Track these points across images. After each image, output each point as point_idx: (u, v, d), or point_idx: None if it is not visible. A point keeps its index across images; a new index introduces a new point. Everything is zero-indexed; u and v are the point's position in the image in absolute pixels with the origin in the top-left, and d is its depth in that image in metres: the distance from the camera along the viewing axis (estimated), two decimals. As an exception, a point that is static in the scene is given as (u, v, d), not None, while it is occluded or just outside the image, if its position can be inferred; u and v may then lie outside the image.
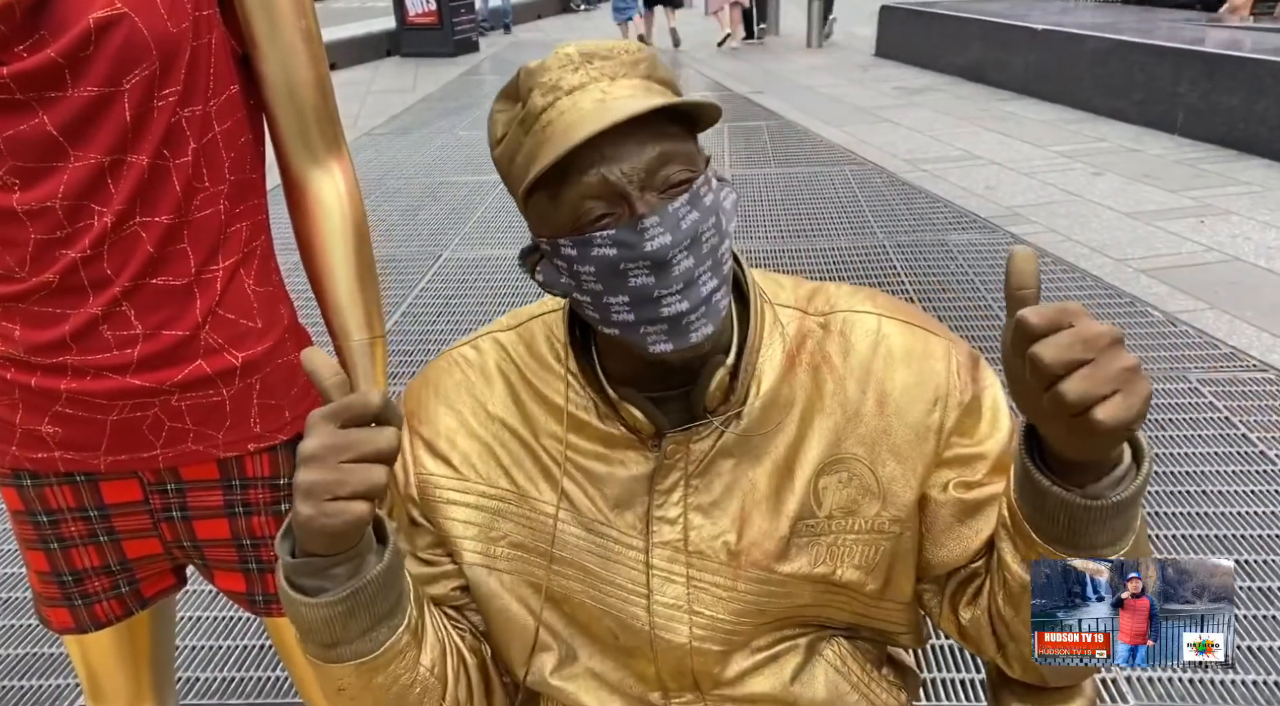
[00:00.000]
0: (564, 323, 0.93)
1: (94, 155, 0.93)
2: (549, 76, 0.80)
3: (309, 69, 1.08)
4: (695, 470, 0.90)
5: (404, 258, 4.74)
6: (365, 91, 9.67)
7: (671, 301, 0.79)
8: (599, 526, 0.92)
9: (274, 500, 1.14)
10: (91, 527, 1.11)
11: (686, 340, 0.81)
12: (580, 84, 0.79)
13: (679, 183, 0.79)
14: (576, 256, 0.80)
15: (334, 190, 1.13)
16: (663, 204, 0.78)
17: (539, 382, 0.93)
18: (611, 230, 0.78)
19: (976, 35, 8.80)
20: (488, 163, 0.87)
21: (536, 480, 0.93)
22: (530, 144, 0.80)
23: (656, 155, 0.78)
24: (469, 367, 0.97)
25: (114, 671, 1.22)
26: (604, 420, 0.91)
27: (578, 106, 0.78)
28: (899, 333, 0.92)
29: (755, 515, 0.91)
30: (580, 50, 0.81)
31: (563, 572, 0.93)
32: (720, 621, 0.93)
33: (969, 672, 2.08)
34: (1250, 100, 5.85)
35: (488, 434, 0.94)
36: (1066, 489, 0.73)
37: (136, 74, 0.93)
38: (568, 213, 0.79)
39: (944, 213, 5.09)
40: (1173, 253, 4.38)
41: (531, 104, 0.80)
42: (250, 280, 1.08)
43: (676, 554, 0.92)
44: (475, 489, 0.94)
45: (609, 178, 0.77)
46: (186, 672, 2.16)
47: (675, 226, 0.78)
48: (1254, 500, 2.58)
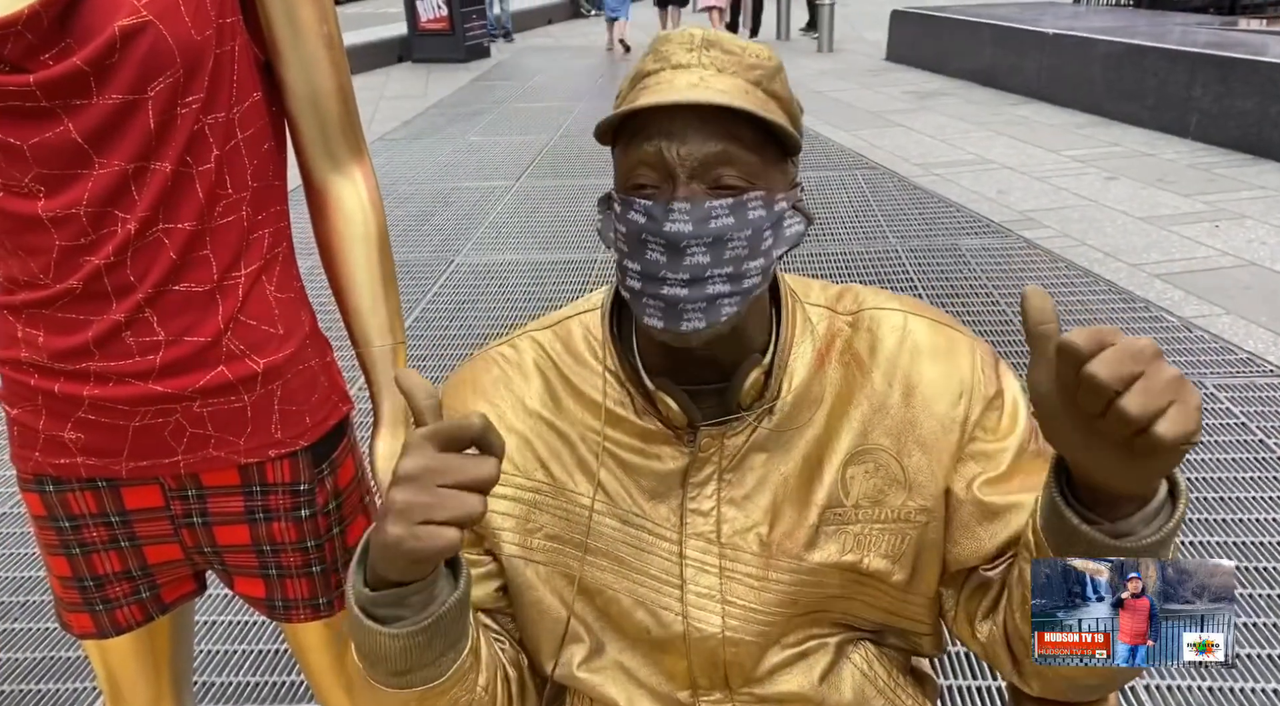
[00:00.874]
0: (603, 321, 0.96)
1: (118, 162, 0.94)
2: (666, 48, 0.86)
3: (331, 76, 1.08)
4: (729, 464, 0.92)
5: (417, 263, 4.75)
6: (378, 97, 9.71)
7: (673, 286, 0.82)
8: (633, 518, 0.94)
9: (294, 506, 1.14)
10: (113, 533, 1.12)
11: (678, 325, 0.83)
12: (686, 64, 0.84)
13: (729, 187, 0.82)
14: (620, 214, 0.86)
15: (356, 197, 1.14)
16: (701, 197, 0.81)
17: (576, 378, 0.95)
18: (649, 201, 0.82)
19: (988, 39, 8.78)
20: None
21: (573, 472, 0.94)
22: (627, 98, 0.86)
23: (718, 151, 0.81)
24: (507, 364, 0.98)
25: (134, 676, 1.23)
26: (641, 415, 0.93)
27: (673, 81, 0.83)
28: (924, 329, 0.95)
29: (786, 507, 0.93)
30: (705, 36, 0.86)
31: (596, 563, 0.95)
32: (754, 611, 0.94)
33: (987, 680, 2.06)
34: (1264, 104, 5.82)
35: (525, 427, 0.95)
36: (1096, 529, 0.72)
37: (161, 81, 0.93)
38: (625, 170, 0.85)
39: (956, 217, 5.08)
40: (1187, 257, 4.36)
41: (643, 64, 0.87)
42: (272, 286, 1.08)
43: (709, 545, 0.93)
44: (513, 481, 0.95)
45: (665, 153, 0.81)
46: (203, 677, 2.16)
47: (702, 221, 0.81)
48: (1272, 506, 2.56)
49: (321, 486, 1.15)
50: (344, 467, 1.19)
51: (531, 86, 10.42)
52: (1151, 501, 0.72)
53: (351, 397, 1.22)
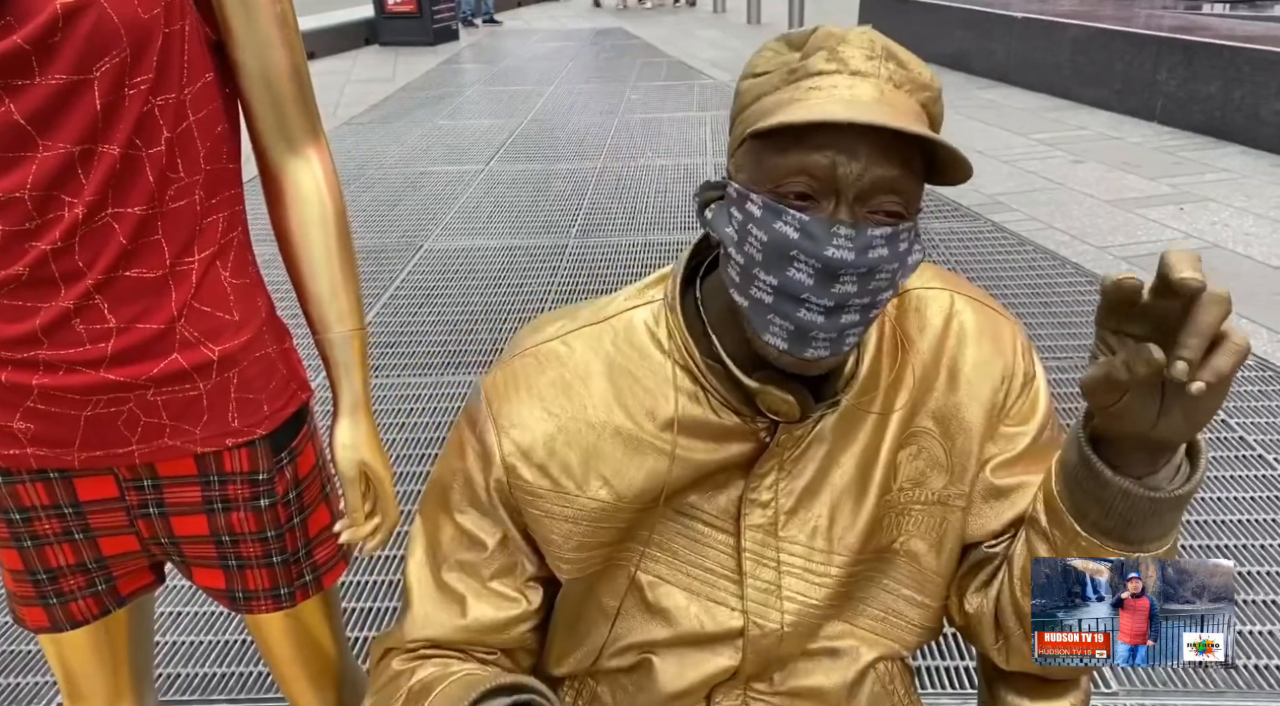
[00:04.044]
0: (673, 314, 0.90)
1: (63, 145, 0.91)
2: (844, 49, 0.78)
3: (285, 56, 1.06)
4: (791, 455, 0.90)
5: (384, 248, 4.70)
6: (344, 80, 9.58)
7: (813, 312, 0.77)
8: (689, 509, 0.91)
9: (253, 495, 1.12)
10: (66, 525, 1.09)
11: (803, 351, 0.79)
12: (866, 73, 0.77)
13: (889, 214, 0.77)
14: (759, 218, 0.78)
15: (312, 180, 1.11)
16: (865, 224, 0.76)
17: (642, 377, 0.90)
18: (807, 215, 0.76)
19: (958, 23, 8.81)
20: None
21: (640, 484, 0.90)
22: (787, 93, 0.78)
23: (890, 177, 0.76)
24: (563, 366, 0.91)
25: (91, 670, 1.20)
26: (717, 411, 0.89)
27: (854, 90, 0.76)
28: (971, 310, 0.95)
29: (845, 499, 0.92)
30: (886, 45, 0.79)
31: (651, 555, 0.92)
32: (811, 606, 0.93)
33: (956, 660, 2.08)
34: (1227, 88, 5.88)
35: (587, 440, 0.90)
36: (1129, 479, 0.74)
37: (106, 61, 0.90)
38: (778, 173, 0.77)
39: (926, 201, 5.06)
40: (1153, 240, 4.40)
41: (812, 62, 0.78)
42: (227, 272, 1.06)
43: (768, 538, 0.92)
44: (576, 501, 0.90)
45: (839, 168, 0.74)
46: (168, 669, 2.14)
47: (863, 250, 0.76)
48: (1255, 508, 2.60)
49: (281, 475, 1.13)
50: (304, 456, 1.17)
51: (501, 70, 10.33)
52: (1174, 458, 0.75)
53: (312, 385, 1.20)
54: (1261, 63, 5.64)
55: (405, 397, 3.23)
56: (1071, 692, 0.97)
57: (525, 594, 0.95)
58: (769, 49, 0.83)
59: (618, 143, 6.69)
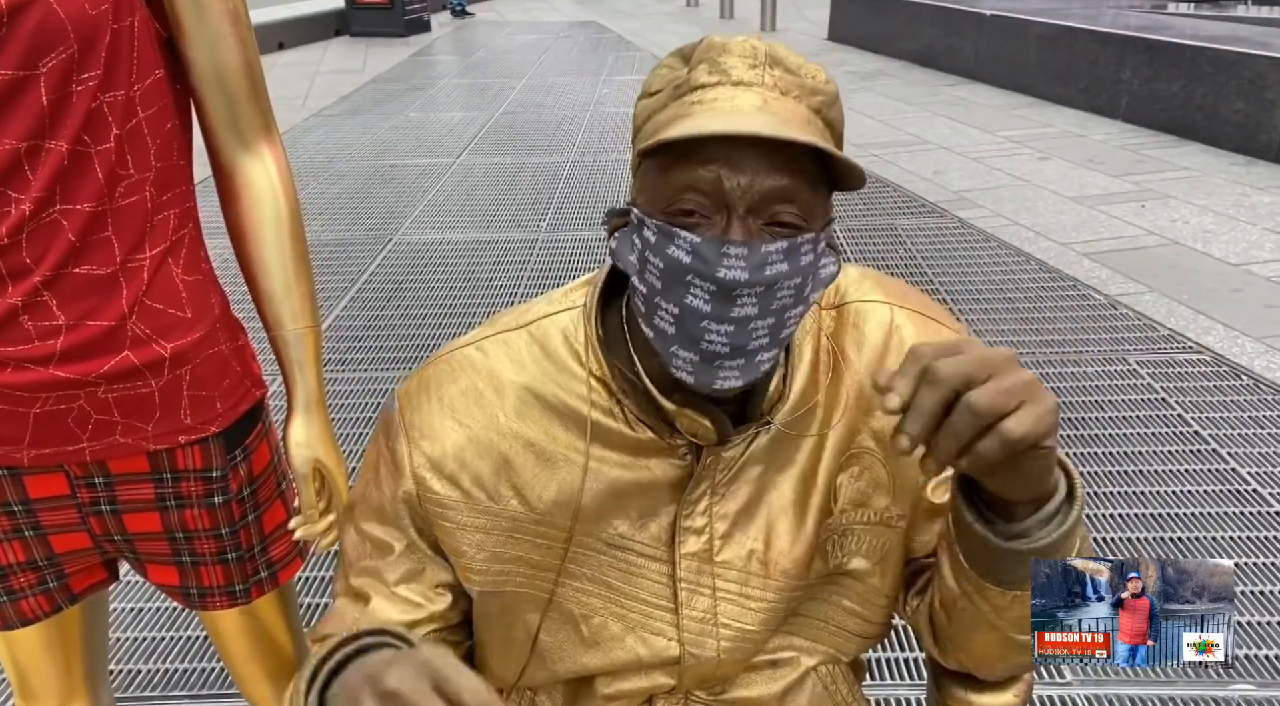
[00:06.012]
0: (589, 324, 0.87)
1: (9, 141, 0.91)
2: (725, 59, 0.76)
3: (237, 52, 1.05)
4: (724, 478, 0.87)
5: (353, 241, 4.66)
6: (314, 72, 9.49)
7: (715, 338, 0.75)
8: (621, 540, 0.89)
9: (206, 492, 1.12)
10: (15, 522, 1.09)
11: (710, 381, 0.77)
12: (749, 82, 0.75)
13: (785, 225, 0.75)
14: (654, 244, 0.76)
15: (265, 177, 1.11)
16: (758, 240, 0.74)
17: (556, 387, 0.87)
18: (697, 237, 0.73)
19: (927, 20, 8.86)
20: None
21: (552, 496, 0.87)
22: (673, 110, 0.76)
23: (782, 186, 0.73)
24: (475, 374, 0.89)
25: (43, 668, 1.20)
26: (633, 425, 0.86)
27: (735, 100, 0.74)
28: (912, 324, 0.91)
29: (781, 521, 0.89)
30: (769, 52, 0.77)
31: (582, 588, 0.90)
32: (747, 632, 0.91)
33: (912, 652, 2.11)
34: (1189, 87, 5.97)
35: (499, 450, 0.87)
36: (990, 528, 0.74)
37: (53, 57, 0.90)
38: (668, 193, 0.75)
39: (894, 198, 5.13)
40: (1115, 236, 4.47)
41: (695, 75, 0.76)
42: (179, 269, 1.06)
43: (704, 565, 0.89)
44: (489, 509, 0.88)
45: (725, 182, 0.73)
46: (126, 665, 2.13)
47: (758, 267, 0.73)
48: (1187, 479, 2.65)
49: (235, 472, 1.13)
50: (258, 453, 1.17)
51: (473, 62, 10.27)
52: (1048, 504, 0.73)
53: (266, 383, 1.20)
54: (1222, 63, 5.73)
55: (372, 392, 3.22)
56: (1014, 685, 0.99)
57: (431, 599, 0.92)
58: (664, 66, 0.81)
59: (589, 137, 6.68)
